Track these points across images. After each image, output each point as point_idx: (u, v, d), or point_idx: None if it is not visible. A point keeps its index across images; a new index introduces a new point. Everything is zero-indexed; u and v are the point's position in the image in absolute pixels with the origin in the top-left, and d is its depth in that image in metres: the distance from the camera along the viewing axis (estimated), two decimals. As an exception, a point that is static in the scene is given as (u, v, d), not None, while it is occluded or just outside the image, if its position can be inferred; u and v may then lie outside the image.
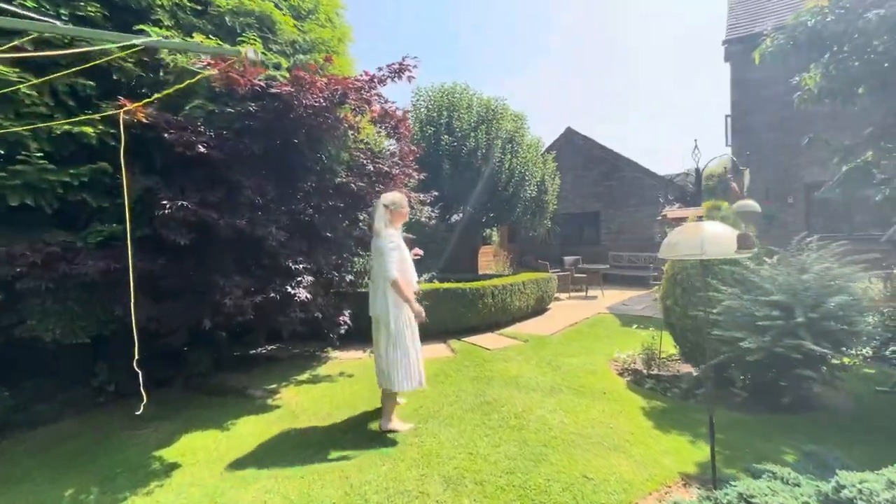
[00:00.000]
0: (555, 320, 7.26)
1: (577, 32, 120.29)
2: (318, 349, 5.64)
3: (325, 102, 3.22)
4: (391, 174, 4.25)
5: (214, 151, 2.95)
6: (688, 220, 3.58)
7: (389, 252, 3.01)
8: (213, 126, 3.03)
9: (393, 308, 3.06)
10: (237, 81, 2.88)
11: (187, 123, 2.87)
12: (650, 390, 3.90)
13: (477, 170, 7.95)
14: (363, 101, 3.47)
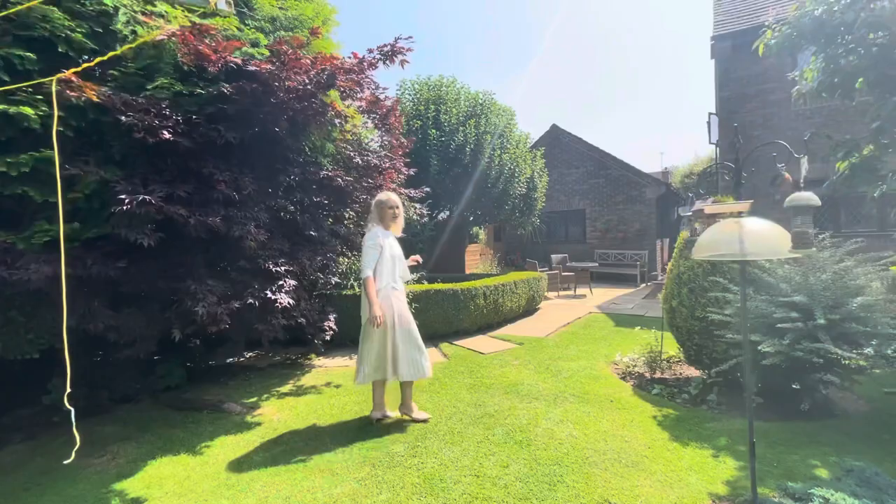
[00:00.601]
0: (547, 321, 7.06)
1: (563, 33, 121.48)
2: (302, 356, 5.28)
3: (310, 85, 2.88)
4: (380, 168, 3.93)
5: (183, 139, 2.58)
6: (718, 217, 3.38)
7: (366, 250, 3.11)
8: (180, 110, 2.64)
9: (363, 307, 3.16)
10: (208, 56, 2.52)
11: (149, 105, 2.49)
12: (658, 396, 3.70)
13: (466, 166, 7.67)
14: (353, 83, 3.13)
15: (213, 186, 2.76)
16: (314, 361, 5.09)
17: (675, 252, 4.23)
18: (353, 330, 5.76)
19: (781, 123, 8.09)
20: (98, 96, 2.32)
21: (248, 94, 2.74)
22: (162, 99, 2.57)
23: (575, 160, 13.55)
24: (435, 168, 7.31)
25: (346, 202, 4.05)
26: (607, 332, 6.13)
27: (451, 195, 8.03)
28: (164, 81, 2.57)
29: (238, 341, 4.19)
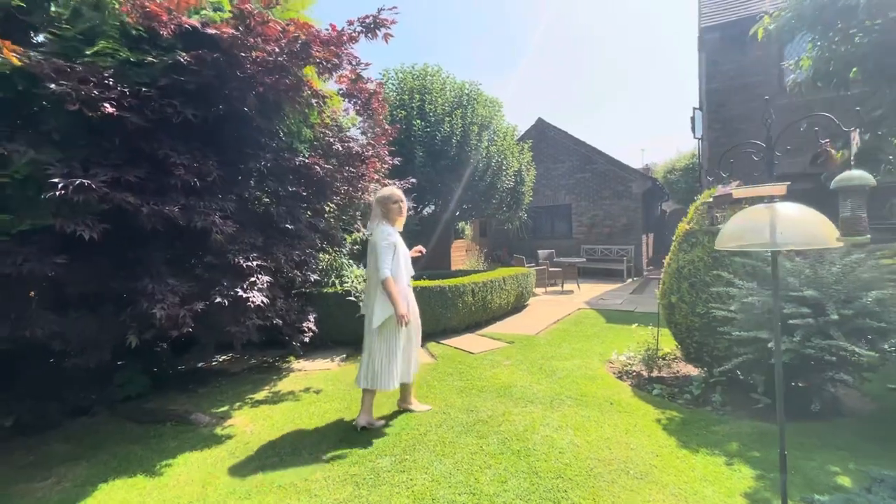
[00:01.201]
0: (536, 318, 6.86)
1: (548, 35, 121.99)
2: (280, 359, 4.94)
3: (282, 56, 2.56)
4: (363, 156, 3.63)
5: (131, 115, 2.23)
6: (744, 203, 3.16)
7: (384, 250, 2.94)
8: (128, 81, 2.29)
9: (381, 309, 2.98)
10: (158, 17, 2.18)
11: (88, 74, 2.13)
12: (659, 397, 3.51)
13: (452, 158, 7.39)
14: (331, 55, 2.81)
15: (170, 171, 2.42)
16: (293, 364, 4.76)
17: (674, 245, 4.05)
18: (334, 331, 5.46)
19: (769, 117, 8.03)
20: (20, 59, 1.96)
21: (210, 64, 2.40)
22: (106, 67, 2.22)
23: (561, 154, 13.40)
24: (420, 160, 7.01)
25: (325, 193, 3.73)
26: (599, 329, 5.95)
27: (437, 189, 7.75)
28: (106, 45, 2.21)
29: (207, 344, 3.84)
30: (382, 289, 2.92)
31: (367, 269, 3.15)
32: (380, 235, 2.98)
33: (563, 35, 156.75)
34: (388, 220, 3.09)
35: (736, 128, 8.32)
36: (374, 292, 3.02)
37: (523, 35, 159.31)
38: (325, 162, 3.43)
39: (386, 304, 2.96)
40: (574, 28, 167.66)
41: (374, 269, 3.00)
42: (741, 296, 3.25)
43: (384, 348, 3.05)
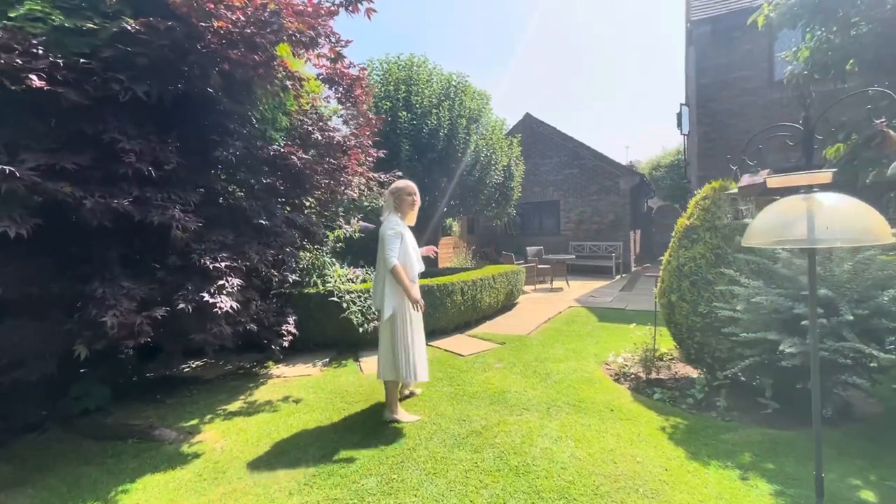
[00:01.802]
0: (527, 317, 6.66)
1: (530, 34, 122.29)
2: (258, 364, 4.62)
3: (249, 27, 2.26)
4: (345, 146, 3.34)
5: (66, 90, 1.91)
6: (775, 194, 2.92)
7: (390, 238, 2.95)
8: (63, 51, 1.97)
9: (389, 299, 2.99)
10: (99, -22, 1.88)
11: (11, 40, 1.81)
12: (660, 402, 3.33)
13: (440, 152, 7.13)
14: (307, 27, 2.50)
15: (119, 158, 2.11)
16: (271, 370, 4.46)
17: (673, 242, 3.87)
18: (316, 333, 5.16)
19: (757, 112, 7.98)
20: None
21: (163, 34, 2.09)
22: (36, 34, 1.90)
23: (549, 150, 13.25)
24: (406, 154, 6.73)
25: (303, 186, 3.44)
26: (592, 329, 5.78)
27: (424, 184, 7.47)
28: (35, 7, 1.88)
29: (172, 352, 3.52)
30: (391, 280, 2.95)
31: (377, 262, 3.13)
32: (387, 225, 2.99)
33: (548, 33, 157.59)
34: (400, 212, 3.10)
35: (726, 123, 8.24)
36: (381, 284, 3.02)
37: (508, 32, 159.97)
38: (303, 152, 3.14)
39: (395, 294, 2.98)
40: (559, 26, 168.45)
41: (379, 260, 3.02)
42: (747, 295, 3.08)
43: (400, 339, 3.05)
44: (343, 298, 4.77)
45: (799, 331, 2.82)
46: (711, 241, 3.52)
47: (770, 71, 7.89)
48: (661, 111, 66.73)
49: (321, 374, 4.30)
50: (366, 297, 4.89)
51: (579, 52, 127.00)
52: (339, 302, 4.74)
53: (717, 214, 3.58)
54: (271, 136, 3.00)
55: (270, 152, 2.94)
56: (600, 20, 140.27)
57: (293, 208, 4.02)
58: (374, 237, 7.17)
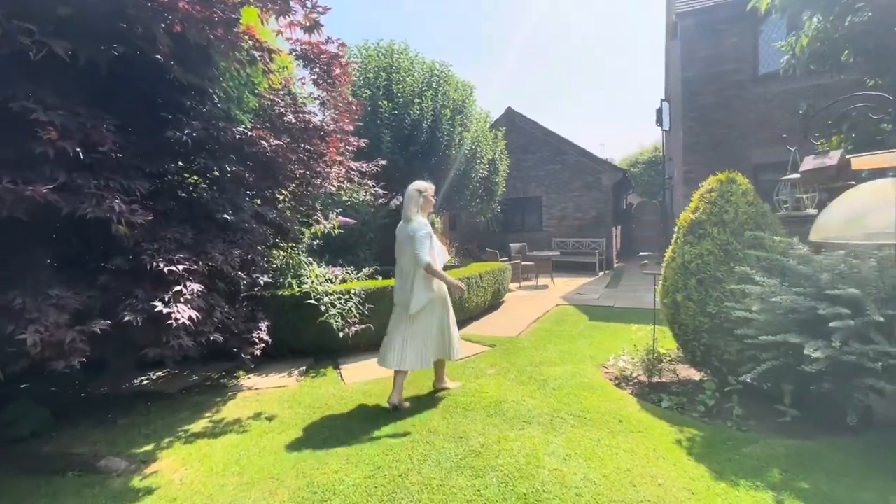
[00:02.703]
0: (515, 316, 6.41)
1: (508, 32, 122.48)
2: (227, 374, 4.20)
3: (203, -22, 1.87)
4: (323, 131, 2.96)
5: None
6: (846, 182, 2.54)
7: (423, 238, 3.09)
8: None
9: (423, 291, 3.19)
10: None
11: None
12: (669, 410, 3.10)
13: (423, 144, 6.76)
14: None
15: (35, 135, 1.69)
16: (242, 381, 4.04)
17: (677, 237, 3.65)
18: (292, 339, 4.75)
19: (743, 106, 7.93)
20: None
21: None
22: None
23: (531, 145, 13.04)
24: (388, 145, 6.34)
25: (276, 177, 3.04)
26: (584, 328, 5.56)
27: (406, 178, 7.09)
28: None
29: (122, 369, 3.08)
30: (420, 276, 3.16)
31: (402, 258, 3.28)
32: (418, 225, 3.14)
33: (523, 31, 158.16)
34: (424, 211, 3.29)
35: (711, 117, 8.18)
36: (410, 280, 3.20)
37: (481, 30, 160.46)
38: (274, 138, 2.75)
39: (425, 289, 3.19)
40: (532, 21, 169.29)
41: (409, 258, 3.18)
42: (764, 294, 2.86)
43: (420, 332, 3.26)
44: (321, 301, 4.38)
45: (821, 332, 2.61)
46: (720, 237, 3.31)
47: (755, 65, 7.86)
48: (636, 108, 67.85)
49: (298, 385, 3.91)
50: (346, 299, 4.51)
51: (552, 48, 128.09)
52: (316, 305, 4.35)
53: (725, 208, 3.37)
54: (237, 116, 2.59)
55: (236, 136, 2.53)
56: (577, 15, 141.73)
57: (264, 202, 3.61)
58: (353, 234, 6.75)
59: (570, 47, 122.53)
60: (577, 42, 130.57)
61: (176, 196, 2.56)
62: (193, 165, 2.50)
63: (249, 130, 2.67)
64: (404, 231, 3.22)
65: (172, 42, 1.94)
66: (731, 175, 3.51)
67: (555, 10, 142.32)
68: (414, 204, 3.23)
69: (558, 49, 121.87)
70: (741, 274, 3.10)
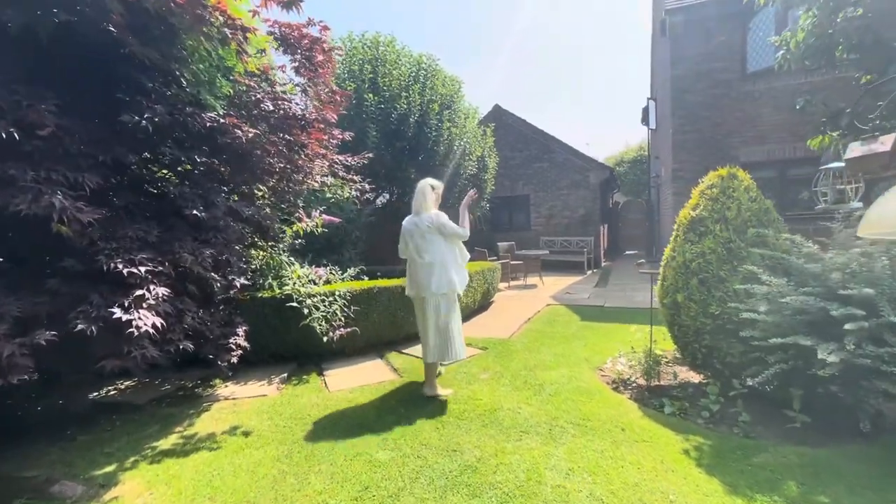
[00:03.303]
0: (506, 317, 6.24)
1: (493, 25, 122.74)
2: (202, 382, 3.92)
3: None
4: (304, 121, 2.73)
5: None
6: None
7: (451, 224, 3.34)
8: None
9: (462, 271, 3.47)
10: None
11: None
12: (672, 416, 2.96)
13: (410, 140, 6.55)
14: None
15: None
16: (218, 390, 3.77)
17: (677, 235, 3.51)
18: (273, 344, 4.48)
19: (731, 104, 7.91)
20: None
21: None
22: None
23: (519, 143, 12.92)
24: (373, 140, 6.10)
25: (253, 170, 2.79)
26: (576, 329, 5.42)
27: (394, 175, 6.88)
28: None
29: (77, 382, 2.80)
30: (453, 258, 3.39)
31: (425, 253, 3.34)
32: (445, 219, 3.34)
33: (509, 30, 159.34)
34: (434, 206, 3.43)
35: (700, 115, 8.14)
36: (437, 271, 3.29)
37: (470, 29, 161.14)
38: (250, 126, 2.50)
39: (461, 271, 3.45)
40: (519, 23, 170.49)
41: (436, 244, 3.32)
42: (772, 294, 2.74)
43: (455, 319, 3.42)
44: (303, 303, 4.13)
45: (831, 334, 2.50)
46: (722, 235, 3.18)
47: (743, 63, 7.84)
48: (620, 108, 68.51)
49: (278, 393, 3.66)
50: (331, 302, 4.27)
51: (537, 48, 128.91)
52: (298, 308, 4.10)
53: (727, 205, 3.25)
54: (208, 102, 2.34)
55: (207, 123, 2.28)
56: (561, 19, 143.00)
57: (242, 198, 3.35)
58: (338, 233, 6.48)
59: (555, 48, 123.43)
60: (562, 42, 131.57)
61: (141, 190, 2.30)
62: (160, 156, 2.25)
63: (222, 118, 2.42)
64: (422, 222, 3.33)
65: (125, 10, 1.69)
66: (732, 170, 3.39)
67: (541, 12, 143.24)
68: (426, 200, 3.38)
69: (543, 50, 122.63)
70: (746, 273, 2.98)
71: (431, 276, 3.28)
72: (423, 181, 3.45)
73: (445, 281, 3.29)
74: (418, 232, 3.34)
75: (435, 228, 3.30)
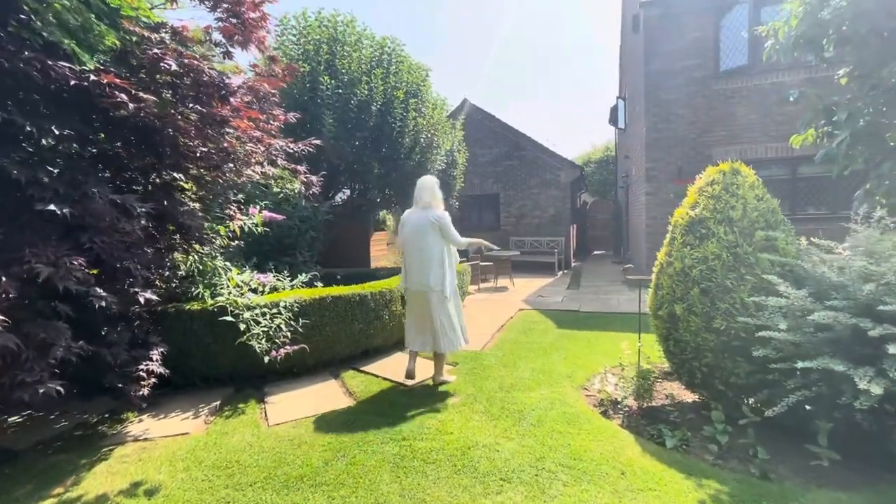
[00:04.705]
0: (476, 324, 5.73)
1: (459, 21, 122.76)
2: (110, 416, 3.18)
3: None
4: (224, 87, 2.10)
5: None
6: None
7: (451, 224, 3.51)
8: None
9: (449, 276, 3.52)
10: None
11: None
12: (675, 451, 2.52)
13: (372, 130, 5.91)
14: None
15: None
16: (128, 426, 3.06)
17: (674, 238, 3.10)
18: (204, 365, 3.73)
19: (706, 102, 7.76)
20: None
21: None
22: None
23: (488, 140, 12.49)
24: (330, 129, 5.43)
25: (158, 151, 2.12)
26: (553, 339, 4.98)
27: (353, 169, 6.22)
28: None
29: None
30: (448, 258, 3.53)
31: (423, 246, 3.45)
32: (441, 214, 3.46)
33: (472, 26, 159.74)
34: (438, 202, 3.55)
35: (674, 112, 7.95)
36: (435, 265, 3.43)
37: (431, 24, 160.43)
38: (141, 88, 1.85)
39: (452, 269, 3.58)
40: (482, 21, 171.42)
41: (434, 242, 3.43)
42: (790, 309, 2.35)
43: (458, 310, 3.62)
44: (240, 317, 3.46)
45: (860, 356, 2.13)
46: (727, 238, 2.79)
47: (716, 60, 7.69)
48: (588, 108, 69.77)
49: (205, 429, 2.98)
50: (273, 315, 3.61)
51: (503, 49, 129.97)
52: (234, 322, 3.43)
53: (731, 203, 2.86)
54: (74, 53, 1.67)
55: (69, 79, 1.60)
56: (526, 18, 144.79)
57: (157, 190, 2.65)
58: (291, 233, 5.77)
59: (520, 48, 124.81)
60: (528, 42, 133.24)
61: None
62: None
63: (93, 74, 1.75)
64: (425, 217, 3.44)
65: None
66: (734, 165, 3.01)
67: (503, 11, 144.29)
68: (426, 198, 3.49)
69: (507, 49, 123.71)
70: (756, 282, 2.59)
71: (424, 270, 3.40)
72: (430, 177, 3.62)
73: (440, 277, 3.42)
74: (424, 227, 3.44)
75: (439, 227, 3.42)
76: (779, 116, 7.29)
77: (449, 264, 3.53)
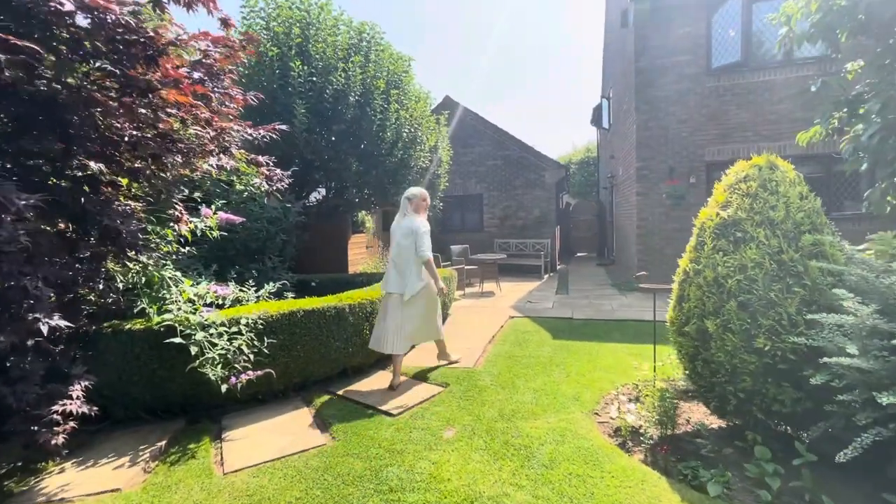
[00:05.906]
0: (467, 335, 5.26)
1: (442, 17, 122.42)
2: (21, 466, 2.56)
3: None
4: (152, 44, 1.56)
5: None
6: None
7: (424, 235, 3.54)
8: None
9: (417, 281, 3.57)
10: None
11: None
12: (720, 500, 2.10)
13: (349, 122, 5.36)
14: None
15: None
16: (44, 480, 2.45)
17: (702, 241, 2.69)
18: (149, 395, 3.06)
19: (695, 100, 7.51)
20: None
21: None
22: None
23: (471, 138, 12.05)
24: (302, 121, 4.85)
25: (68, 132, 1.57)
26: (551, 351, 4.55)
27: (329, 165, 5.65)
28: None
29: None
30: (417, 266, 3.58)
31: (400, 249, 3.61)
32: (421, 223, 3.58)
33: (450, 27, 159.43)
34: (419, 213, 3.70)
35: (664, 109, 7.69)
36: (410, 268, 3.58)
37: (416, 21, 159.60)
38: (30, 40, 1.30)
39: (419, 278, 3.58)
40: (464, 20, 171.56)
41: (411, 249, 3.55)
42: (854, 329, 1.96)
43: (412, 317, 3.61)
44: (192, 338, 2.88)
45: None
46: (769, 242, 2.39)
47: (708, 57, 7.46)
48: (568, 109, 70.26)
49: (141, 482, 2.40)
50: (232, 336, 3.04)
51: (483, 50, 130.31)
52: (184, 344, 2.85)
53: (771, 202, 2.47)
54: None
55: None
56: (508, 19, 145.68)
57: (75, 184, 2.07)
58: (259, 236, 5.16)
59: (499, 48, 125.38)
60: (507, 42, 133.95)
61: None
62: None
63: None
64: (404, 226, 3.61)
65: None
66: (770, 158, 2.63)
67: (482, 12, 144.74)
68: (409, 209, 3.66)
69: (487, 49, 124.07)
70: (809, 295, 2.20)
71: (402, 275, 3.59)
72: (415, 189, 3.77)
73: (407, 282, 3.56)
74: (399, 231, 3.64)
75: (411, 233, 3.55)
76: (771, 115, 7.10)
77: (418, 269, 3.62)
